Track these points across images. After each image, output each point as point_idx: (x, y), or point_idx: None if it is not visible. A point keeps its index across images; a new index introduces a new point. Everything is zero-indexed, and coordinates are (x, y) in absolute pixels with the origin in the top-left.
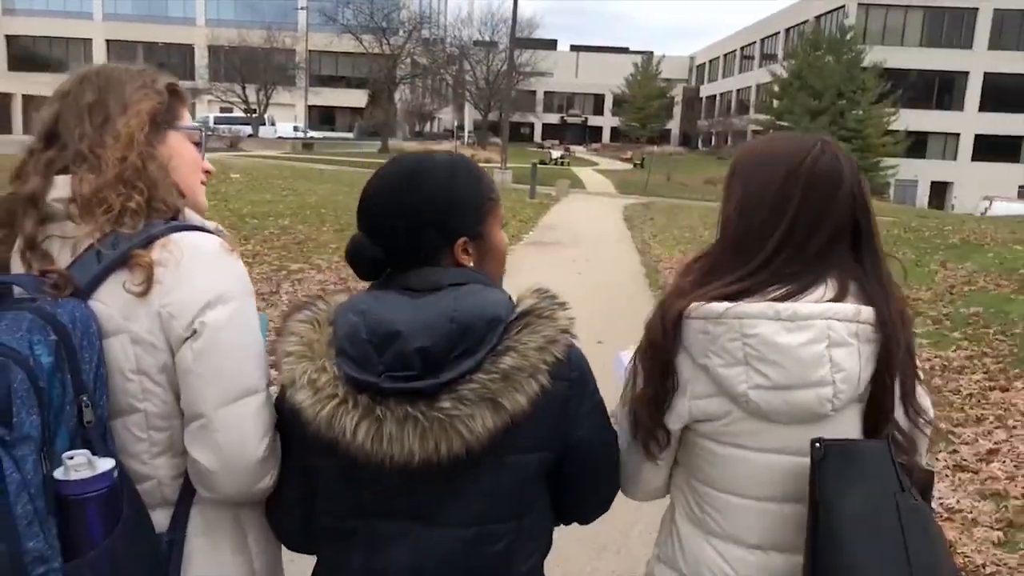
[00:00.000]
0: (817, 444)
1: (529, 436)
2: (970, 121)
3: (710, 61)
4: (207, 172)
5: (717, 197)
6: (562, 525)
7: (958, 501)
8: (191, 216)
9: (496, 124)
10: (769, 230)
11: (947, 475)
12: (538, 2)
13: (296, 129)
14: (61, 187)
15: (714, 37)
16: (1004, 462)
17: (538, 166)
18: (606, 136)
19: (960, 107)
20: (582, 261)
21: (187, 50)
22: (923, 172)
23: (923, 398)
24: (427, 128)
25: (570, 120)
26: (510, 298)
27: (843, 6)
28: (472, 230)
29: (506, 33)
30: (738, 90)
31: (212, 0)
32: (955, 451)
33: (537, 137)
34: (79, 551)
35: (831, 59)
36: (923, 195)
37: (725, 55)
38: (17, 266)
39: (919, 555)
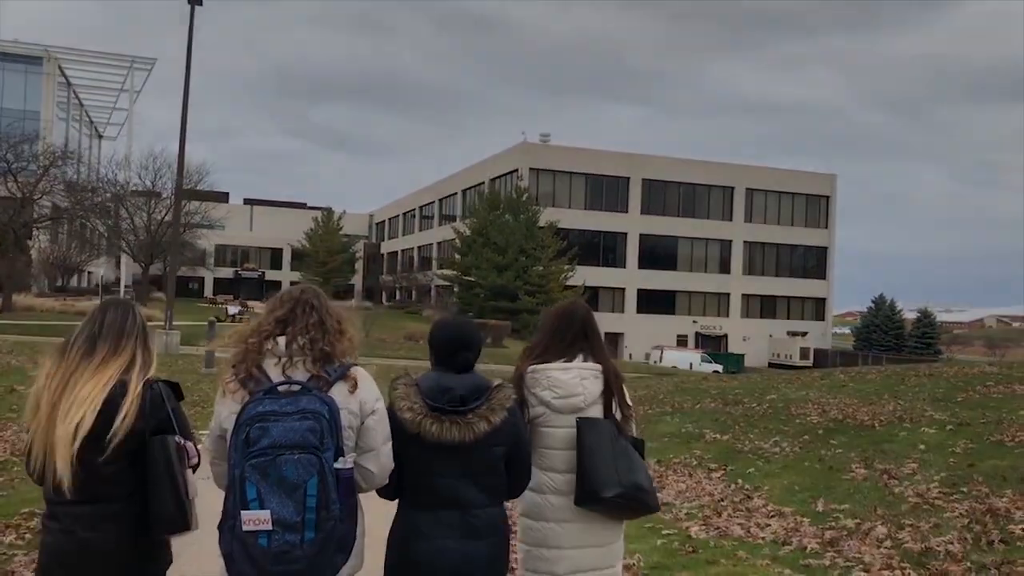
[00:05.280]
0: (580, 420)
1: (499, 437)
2: (632, 277)
3: (390, 219)
4: None
5: (423, 354)
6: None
7: None
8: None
9: (159, 278)
10: (549, 336)
11: None
12: (208, 155)
13: None
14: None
15: (389, 197)
16: None
17: (216, 324)
18: None
19: (623, 264)
20: None
21: None
22: (598, 324)
23: (628, 406)
24: (74, 282)
25: (245, 274)
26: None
27: (516, 170)
28: None
29: (170, 179)
30: (419, 247)
31: None
32: None
33: (208, 292)
34: (342, 503)
35: (510, 217)
36: None
37: (404, 213)
38: (273, 373)
39: (618, 461)
